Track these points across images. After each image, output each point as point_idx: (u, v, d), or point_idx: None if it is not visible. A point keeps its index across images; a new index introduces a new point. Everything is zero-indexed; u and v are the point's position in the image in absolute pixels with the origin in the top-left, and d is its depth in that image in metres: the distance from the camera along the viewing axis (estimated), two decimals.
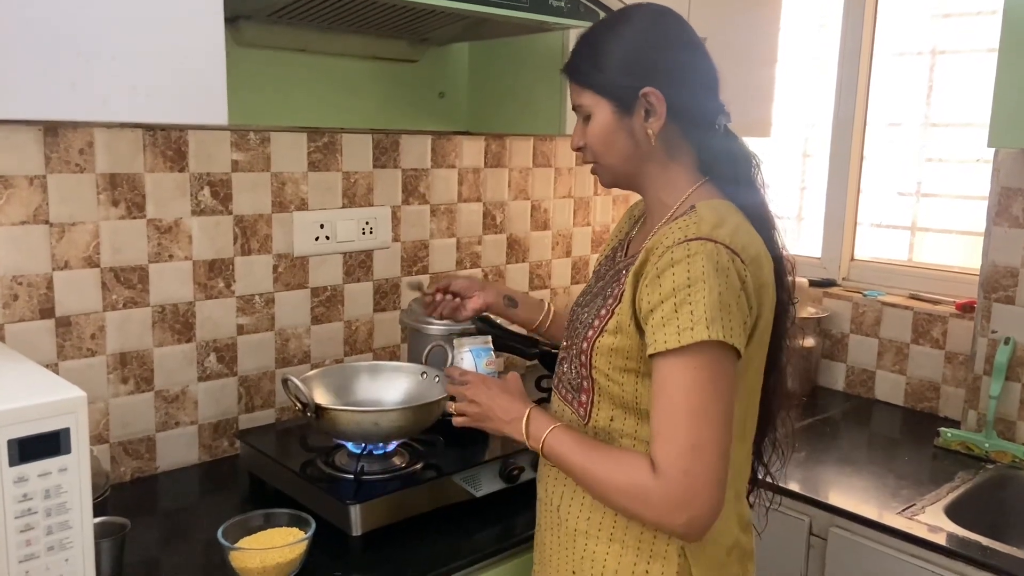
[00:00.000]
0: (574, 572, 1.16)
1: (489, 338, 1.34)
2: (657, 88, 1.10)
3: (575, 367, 1.17)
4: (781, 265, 1.15)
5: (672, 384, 1.00)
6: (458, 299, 1.49)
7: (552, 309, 1.54)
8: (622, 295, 1.09)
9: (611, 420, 1.13)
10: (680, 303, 1.00)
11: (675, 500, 0.98)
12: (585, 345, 1.13)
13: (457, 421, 1.27)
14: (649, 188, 1.18)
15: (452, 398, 1.29)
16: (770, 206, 1.17)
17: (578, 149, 1.19)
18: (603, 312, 1.12)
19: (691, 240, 1.03)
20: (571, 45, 1.74)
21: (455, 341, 1.34)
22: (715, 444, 0.99)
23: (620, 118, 1.13)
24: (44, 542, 0.99)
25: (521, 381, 1.26)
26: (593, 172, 1.22)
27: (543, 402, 1.89)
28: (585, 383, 1.15)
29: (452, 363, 1.30)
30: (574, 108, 1.18)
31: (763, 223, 1.14)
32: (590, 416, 1.15)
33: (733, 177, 1.15)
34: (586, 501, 1.15)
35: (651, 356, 1.03)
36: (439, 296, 1.50)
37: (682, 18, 1.15)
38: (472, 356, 1.32)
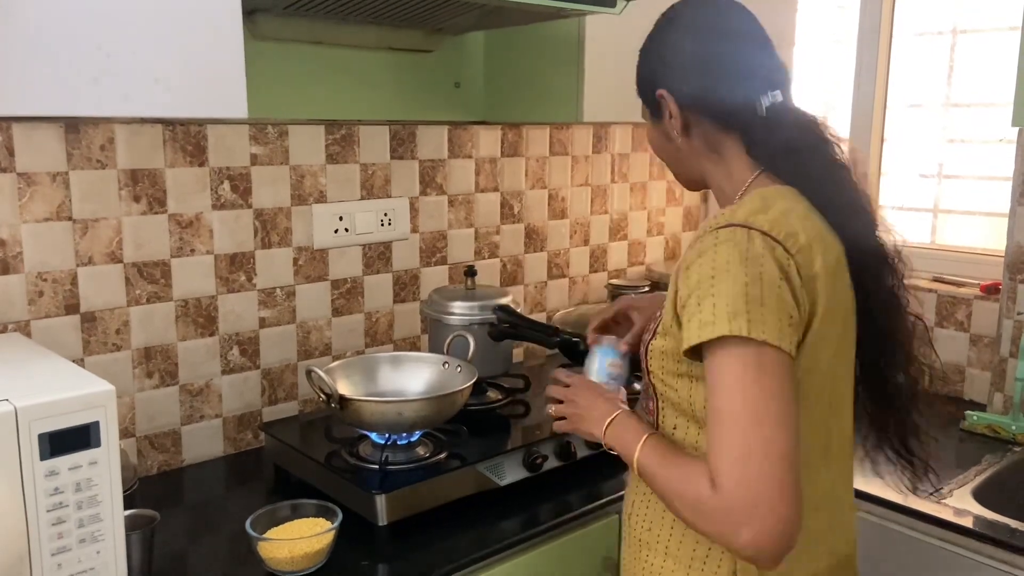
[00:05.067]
0: None
1: (622, 341, 1.25)
2: (665, 87, 1.07)
3: (644, 375, 1.11)
4: (861, 253, 1.03)
5: (716, 386, 0.91)
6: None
7: None
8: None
9: (674, 429, 1.06)
10: (703, 296, 0.92)
11: (734, 515, 0.87)
12: (643, 349, 1.08)
13: (557, 426, 1.21)
14: (712, 184, 1.12)
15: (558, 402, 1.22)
16: (846, 190, 1.05)
17: None
18: (658, 314, 1.06)
19: (721, 228, 0.96)
20: (587, 31, 1.76)
21: (590, 335, 1.28)
22: (772, 445, 0.87)
23: (655, 124, 1.12)
24: (76, 535, 1.00)
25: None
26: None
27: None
28: (650, 390, 1.09)
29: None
30: None
31: (835, 210, 1.03)
32: (658, 424, 1.08)
33: (787, 162, 1.05)
34: (649, 511, 1.10)
35: (688, 354, 0.96)
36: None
37: (709, 3, 1.10)
38: (600, 355, 1.24)
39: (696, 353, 0.95)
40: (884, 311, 1.06)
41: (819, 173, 1.04)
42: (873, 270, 1.04)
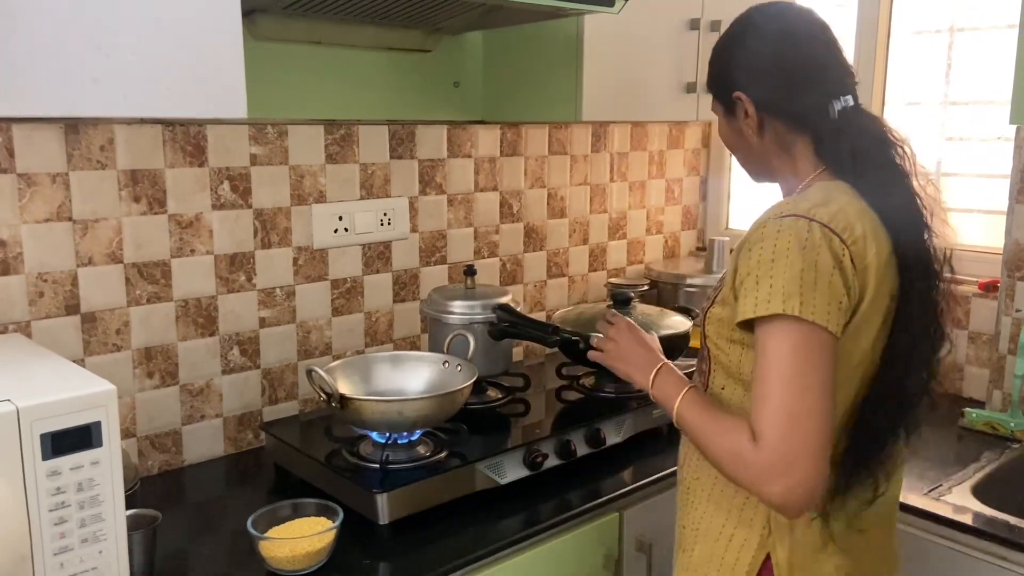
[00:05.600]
0: (683, 527, 1.22)
1: None
2: (741, 90, 1.15)
3: (701, 338, 1.21)
4: (905, 255, 1.09)
5: (769, 351, 1.01)
6: None
7: None
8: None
9: (723, 389, 1.16)
10: (761, 277, 1.02)
11: (771, 467, 0.98)
12: (702, 316, 1.18)
13: (592, 355, 1.37)
14: (779, 179, 1.21)
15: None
16: (899, 194, 1.11)
17: None
18: (719, 285, 1.16)
19: (785, 216, 1.04)
20: (586, 30, 1.76)
21: None
22: (814, 412, 0.98)
23: (729, 121, 1.21)
24: (78, 534, 1.01)
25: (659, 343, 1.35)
26: None
27: (567, 390, 1.90)
28: (705, 352, 1.19)
29: None
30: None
31: (887, 211, 1.09)
32: (708, 384, 1.19)
33: (850, 165, 1.11)
34: (698, 461, 1.18)
35: (740, 325, 1.05)
36: None
37: (786, 8, 1.18)
38: None
39: (747, 325, 1.05)
40: (918, 314, 1.10)
41: (876, 177, 1.11)
42: (912, 272, 1.10)
